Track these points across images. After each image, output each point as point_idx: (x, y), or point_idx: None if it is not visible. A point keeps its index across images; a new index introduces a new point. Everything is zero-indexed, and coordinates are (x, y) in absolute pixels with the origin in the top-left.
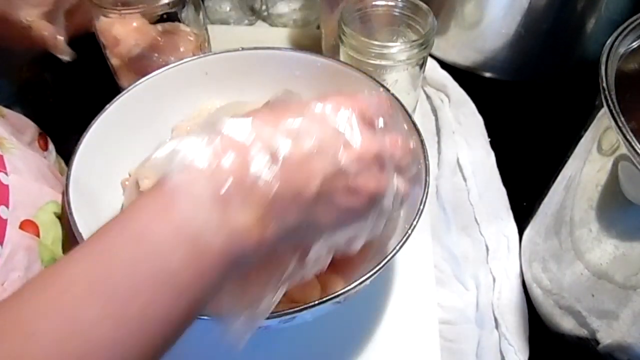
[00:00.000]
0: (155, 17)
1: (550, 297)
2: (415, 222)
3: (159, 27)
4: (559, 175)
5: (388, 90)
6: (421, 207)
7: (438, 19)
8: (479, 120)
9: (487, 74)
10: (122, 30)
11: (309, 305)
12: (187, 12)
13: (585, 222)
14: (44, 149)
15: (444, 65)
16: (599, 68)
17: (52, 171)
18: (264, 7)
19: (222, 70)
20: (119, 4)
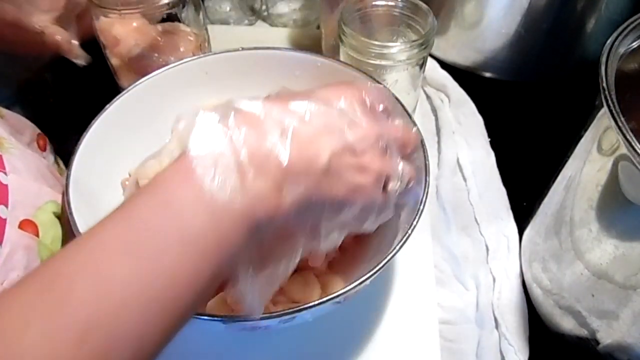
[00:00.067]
0: (155, 17)
1: (550, 297)
2: (415, 222)
3: (159, 27)
4: (559, 175)
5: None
6: (421, 207)
7: (438, 19)
8: (479, 120)
9: (487, 74)
10: (122, 30)
11: (309, 305)
12: (187, 12)
13: (585, 222)
14: (42, 149)
15: (444, 65)
16: (599, 68)
17: (51, 171)
18: (264, 7)
19: (222, 70)
20: (119, 4)
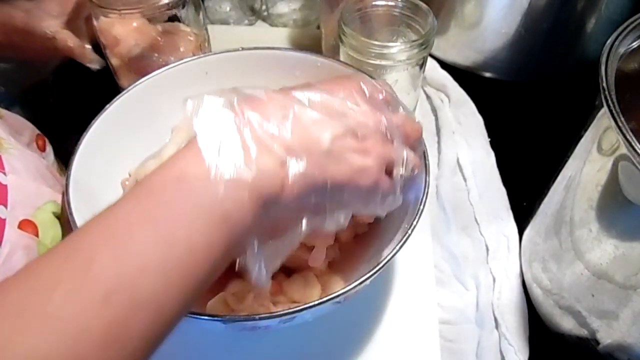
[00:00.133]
0: (155, 17)
1: (550, 297)
2: (415, 222)
3: (159, 27)
4: (559, 175)
5: None
6: (421, 207)
7: (438, 19)
8: (479, 120)
9: (487, 74)
10: (122, 30)
11: (309, 305)
12: (187, 12)
13: (585, 222)
14: (42, 149)
15: (444, 65)
16: (599, 68)
17: (51, 171)
18: (264, 7)
19: (222, 70)
20: (119, 4)
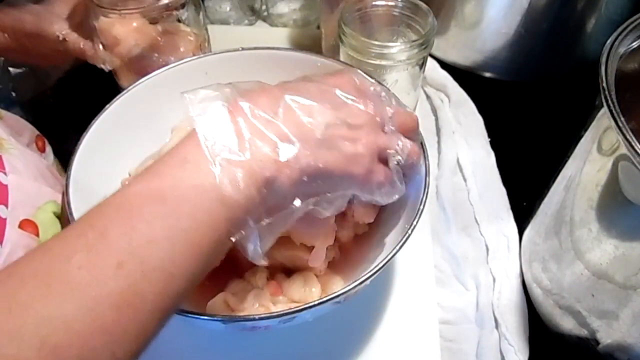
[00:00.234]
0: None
1: (550, 297)
2: (415, 222)
3: (159, 27)
4: (559, 175)
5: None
6: (421, 207)
7: (438, 19)
8: (479, 120)
9: (487, 74)
10: (122, 30)
11: (309, 305)
12: (187, 12)
13: (585, 222)
14: (41, 150)
15: (444, 65)
16: (599, 68)
17: (51, 171)
18: (264, 7)
19: (222, 70)
20: (119, 4)
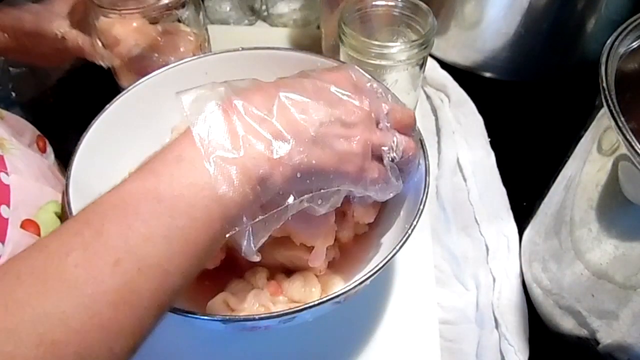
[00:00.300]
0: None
1: (550, 297)
2: (415, 222)
3: (159, 27)
4: (559, 175)
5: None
6: (421, 207)
7: (438, 19)
8: (479, 120)
9: (487, 74)
10: (122, 30)
11: (309, 305)
12: (187, 12)
13: (585, 222)
14: (42, 151)
15: (444, 65)
16: (599, 68)
17: (52, 171)
18: (264, 7)
19: (222, 70)
20: (119, 4)
